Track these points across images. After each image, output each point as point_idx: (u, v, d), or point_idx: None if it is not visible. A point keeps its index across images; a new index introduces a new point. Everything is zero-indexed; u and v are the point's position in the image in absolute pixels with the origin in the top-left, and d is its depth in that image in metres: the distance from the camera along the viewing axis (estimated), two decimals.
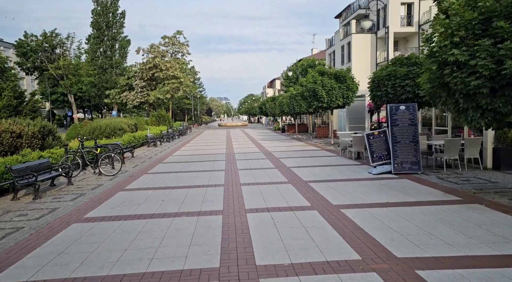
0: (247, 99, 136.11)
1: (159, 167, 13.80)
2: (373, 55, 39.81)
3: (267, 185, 9.73)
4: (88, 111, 76.63)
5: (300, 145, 21.51)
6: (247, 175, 11.32)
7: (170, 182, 10.54)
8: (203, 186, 9.82)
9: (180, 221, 6.62)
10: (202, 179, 10.96)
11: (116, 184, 10.51)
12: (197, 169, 12.94)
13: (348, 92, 19.73)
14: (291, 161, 14.26)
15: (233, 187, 9.66)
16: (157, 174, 12.10)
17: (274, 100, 39.98)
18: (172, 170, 13.01)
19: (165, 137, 28.38)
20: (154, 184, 10.39)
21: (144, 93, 49.35)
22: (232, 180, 10.65)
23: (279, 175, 11.15)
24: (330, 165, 12.92)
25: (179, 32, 50.47)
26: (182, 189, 9.49)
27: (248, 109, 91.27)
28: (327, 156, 15.69)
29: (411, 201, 7.54)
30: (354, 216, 6.58)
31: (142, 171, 12.89)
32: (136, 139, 23.14)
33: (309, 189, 9.02)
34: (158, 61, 47.57)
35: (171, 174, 11.98)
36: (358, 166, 12.50)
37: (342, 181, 9.96)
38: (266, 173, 11.71)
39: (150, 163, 15.13)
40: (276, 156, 16.16)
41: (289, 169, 12.28)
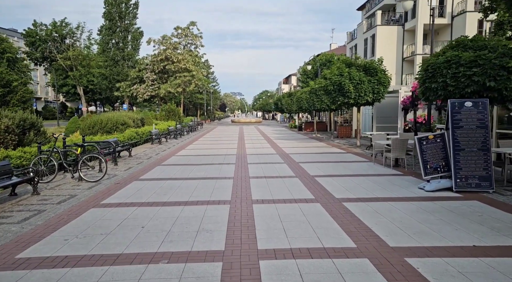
0: (261, 95, 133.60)
1: (155, 171, 11.46)
2: (399, 49, 36.80)
3: (288, 204, 7.27)
4: (100, 105, 75.32)
5: (321, 146, 18.94)
6: (261, 188, 8.88)
7: (162, 195, 8.17)
8: (203, 203, 7.42)
9: (154, 274, 4.22)
10: (203, 191, 8.56)
11: (92, 196, 8.19)
12: (200, 176, 10.55)
13: (379, 87, 17.07)
14: (314, 168, 11.76)
15: (242, 206, 7.23)
16: (149, 182, 9.75)
17: (291, 95, 37.40)
18: (169, 176, 10.64)
19: (172, 134, 26.14)
20: (140, 196, 8.04)
21: (155, 86, 47.36)
22: (242, 194, 8.22)
23: (302, 189, 8.67)
24: (364, 175, 10.37)
25: (192, 23, 48.25)
26: (173, 207, 7.10)
27: (263, 105, 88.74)
28: (357, 162, 13.12)
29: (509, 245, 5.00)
30: (438, 279, 4.07)
31: (132, 176, 10.56)
32: (138, 135, 20.93)
33: (346, 214, 6.53)
34: (170, 53, 45.44)
35: (166, 182, 9.62)
36: (401, 178, 9.92)
37: (388, 200, 7.43)
38: (285, 184, 9.25)
39: (146, 165, 12.82)
40: (295, 160, 13.67)
41: (313, 179, 9.79)
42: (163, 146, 19.93)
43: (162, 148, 18.83)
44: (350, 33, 46.87)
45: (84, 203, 7.52)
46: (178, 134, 27.44)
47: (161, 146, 20.25)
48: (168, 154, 16.26)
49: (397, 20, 38.29)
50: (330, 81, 17.55)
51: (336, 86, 17.35)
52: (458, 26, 33.21)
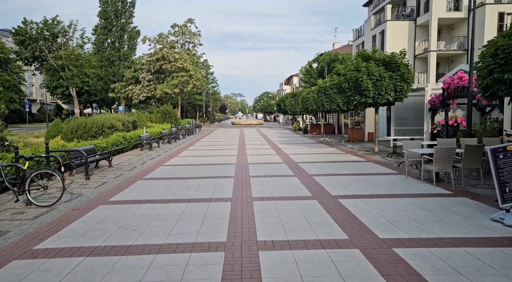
0: (262, 96, 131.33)
1: (132, 189, 9.03)
2: (410, 45, 34.35)
3: (311, 250, 4.85)
4: (97, 107, 73.02)
5: (333, 153, 16.50)
6: (269, 218, 6.45)
7: (129, 233, 5.74)
8: (185, 248, 5.01)
9: None
10: (188, 224, 6.14)
11: (30, 234, 5.77)
12: (188, 196, 8.13)
13: (402, 84, 14.64)
14: (334, 183, 9.33)
15: (242, 253, 4.82)
16: (119, 207, 7.32)
17: (295, 96, 34.99)
18: (148, 196, 8.22)
19: (166, 138, 23.73)
20: (97, 235, 5.62)
21: (151, 87, 44.97)
22: (243, 231, 5.79)
23: (326, 220, 6.24)
24: (403, 195, 7.93)
25: (190, 21, 45.91)
26: (139, 258, 4.68)
27: (264, 106, 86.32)
28: (384, 174, 10.68)
29: None
30: None
31: (100, 198, 8.14)
32: (126, 140, 18.53)
33: (409, 274, 4.10)
34: (166, 52, 43.06)
35: (141, 208, 7.19)
36: (454, 200, 7.47)
37: (459, 244, 5.00)
38: (301, 211, 6.83)
39: (126, 179, 10.40)
40: (307, 171, 11.24)
41: (338, 203, 7.35)
42: (153, 153, 17.50)
43: (151, 155, 16.40)
44: (357, 30, 44.48)
45: (8, 250, 5.09)
46: (173, 138, 25.03)
47: (151, 152, 17.83)
48: (156, 163, 13.83)
49: (408, 15, 35.87)
50: (345, 77, 15.12)
51: (352, 83, 14.92)
52: (476, 19, 30.73)
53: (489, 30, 29.34)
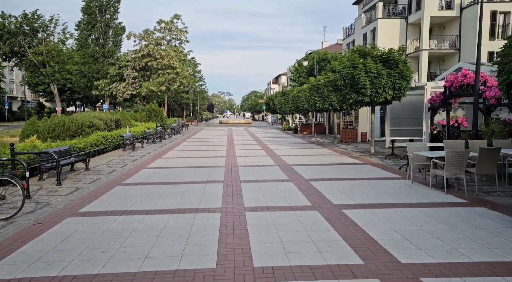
0: (250, 95, 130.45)
1: (108, 197, 7.98)
2: (402, 44, 33.75)
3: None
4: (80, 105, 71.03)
5: (327, 154, 15.66)
6: (264, 231, 5.50)
7: (99, 254, 4.73)
8: (167, 278, 4.02)
9: None
10: (172, 242, 5.16)
11: None
12: (172, 206, 7.14)
13: (400, 82, 13.86)
14: (334, 190, 8.44)
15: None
16: (90, 220, 6.28)
17: (285, 94, 34.12)
18: (125, 206, 7.19)
19: (151, 137, 22.59)
20: (61, 257, 4.59)
21: (136, 84, 43.60)
22: (235, 249, 4.83)
23: (333, 237, 5.33)
24: (413, 205, 7.07)
25: (177, 17, 44.65)
26: None
27: (252, 105, 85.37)
28: (387, 179, 9.83)
29: None
30: None
31: (70, 208, 7.07)
32: (106, 140, 17.36)
33: None
34: (152, 48, 41.75)
35: (116, 221, 6.17)
36: (473, 211, 6.65)
37: (498, 273, 4.14)
38: (301, 223, 5.91)
39: (102, 185, 9.33)
40: (303, 175, 10.34)
41: (342, 215, 6.45)
42: (136, 154, 16.39)
43: (134, 157, 15.30)
44: (347, 28, 43.86)
45: None
46: (158, 138, 23.90)
47: (133, 153, 16.70)
48: (138, 165, 12.76)
49: (399, 13, 35.34)
50: (341, 74, 14.26)
51: (348, 80, 14.07)
52: (468, 18, 30.39)
53: (482, 29, 28.90)
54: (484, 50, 29.12)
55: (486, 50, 29.09)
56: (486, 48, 29.10)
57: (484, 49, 29.15)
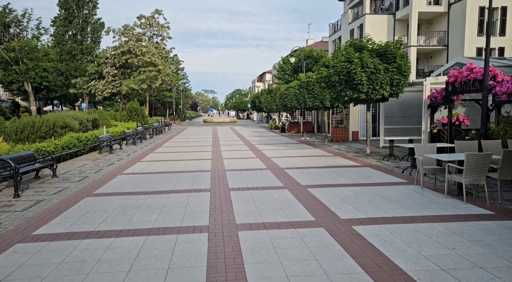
0: (234, 94, 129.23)
1: (72, 213, 6.73)
2: (389, 40, 33.12)
3: None
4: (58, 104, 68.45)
5: (320, 155, 14.65)
6: (263, 259, 4.39)
7: None
8: None
9: None
10: (145, 280, 3.99)
11: None
12: (149, 224, 5.95)
13: (399, 77, 12.94)
14: (337, 198, 7.39)
15: None
16: (45, 247, 5.05)
17: (271, 92, 33.05)
18: (92, 225, 5.95)
19: (131, 138, 21.20)
20: None
21: (116, 82, 41.85)
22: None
23: (350, 266, 4.25)
24: (432, 218, 6.07)
25: (158, 12, 43.02)
26: None
27: (237, 104, 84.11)
28: (392, 184, 8.84)
29: None
30: None
31: (22, 229, 5.80)
32: (81, 142, 15.95)
33: None
34: (132, 45, 40.07)
35: (77, 249, 4.95)
36: (503, 225, 5.67)
37: None
38: (307, 246, 4.82)
39: (68, 197, 8.05)
40: (298, 181, 9.27)
41: (351, 230, 5.40)
42: (113, 157, 15.04)
43: (111, 160, 13.96)
44: (333, 24, 43.05)
45: None
46: (138, 139, 22.51)
47: (110, 156, 15.34)
48: (114, 170, 11.46)
49: (386, 8, 34.67)
50: (335, 69, 13.23)
51: (343, 76, 13.05)
52: (456, 14, 29.87)
53: (470, 25, 28.49)
54: (473, 46, 28.69)
55: (475, 46, 28.66)
56: (475, 44, 28.68)
57: (473, 45, 28.72)
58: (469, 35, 28.55)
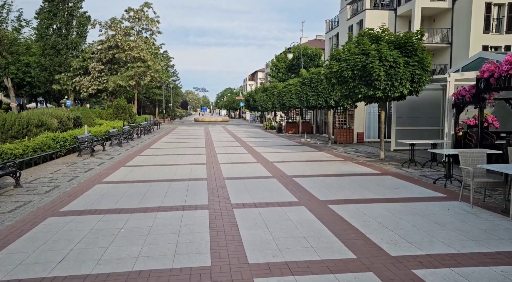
0: (225, 92, 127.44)
1: (23, 245, 4.98)
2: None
3: None
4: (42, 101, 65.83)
5: (328, 160, 13.06)
6: None
7: None
8: None
9: None
10: None
11: None
12: (127, 266, 4.24)
13: (421, 73, 11.39)
14: (371, 221, 5.79)
15: None
16: None
17: (267, 90, 31.41)
18: (45, 269, 4.22)
19: (116, 138, 19.35)
20: None
21: (102, 78, 39.75)
22: None
23: None
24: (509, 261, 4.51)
25: (147, 5, 41.05)
26: None
27: (229, 102, 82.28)
28: (431, 200, 7.26)
29: None
30: None
31: None
32: (57, 143, 14.11)
33: None
34: (120, 39, 38.05)
35: None
36: None
37: None
38: None
39: (26, 216, 6.29)
40: (316, 195, 7.64)
41: (414, 278, 3.79)
42: (93, 160, 13.22)
43: (90, 164, 12.16)
44: (330, 21, 41.58)
45: None
46: (125, 139, 20.68)
47: (91, 159, 13.52)
48: (92, 178, 9.69)
49: (387, 4, 33.29)
50: (347, 63, 11.63)
51: (357, 70, 11.46)
52: (460, 11, 28.57)
53: (476, 22, 27.21)
54: (478, 44, 27.41)
55: (480, 44, 27.39)
56: (480, 41, 27.42)
57: (478, 42, 27.44)
58: (474, 32, 27.27)
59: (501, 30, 27.72)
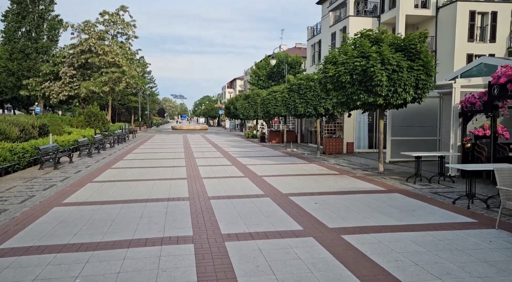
0: (203, 100, 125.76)
1: None
2: None
3: None
4: (10, 107, 62.43)
5: (323, 174, 11.86)
6: None
7: None
8: None
9: None
10: None
11: None
12: None
13: (426, 78, 10.38)
14: (401, 257, 4.55)
15: None
16: None
17: (249, 98, 30.18)
18: None
19: (87, 148, 17.59)
20: None
21: (74, 84, 37.61)
22: None
23: None
24: None
25: (123, 8, 39.31)
26: None
27: (208, 110, 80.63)
28: (461, 227, 6.11)
29: None
30: None
31: None
32: (14, 154, 12.35)
33: None
34: (93, 43, 36.11)
35: None
36: None
37: None
38: None
39: None
40: (322, 221, 6.37)
41: None
42: (56, 174, 11.53)
43: (52, 180, 10.50)
44: (312, 28, 40.91)
45: None
46: (96, 148, 18.91)
47: (54, 173, 11.82)
48: (50, 199, 8.09)
49: (371, 11, 32.82)
50: (345, 67, 10.50)
51: (356, 75, 10.33)
52: (444, 19, 28.28)
53: (460, 29, 26.91)
54: (463, 52, 27.10)
55: (465, 52, 27.11)
56: (465, 50, 27.12)
57: (463, 51, 27.13)
58: (459, 40, 26.94)
59: (484, 38, 27.55)
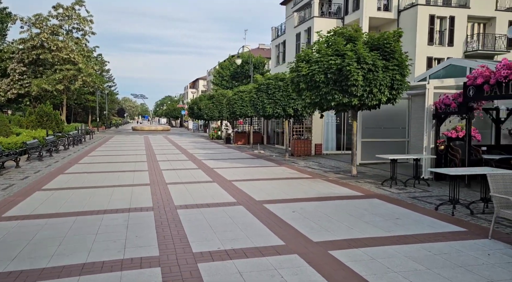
0: (165, 100, 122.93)
1: None
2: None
3: None
4: None
5: (295, 178, 11.33)
6: None
7: None
8: None
9: None
10: None
11: None
12: None
13: (401, 78, 10.09)
14: (395, 276, 3.99)
15: None
16: None
17: (213, 98, 29.31)
18: None
19: (37, 150, 16.06)
20: None
21: (24, 81, 35.03)
22: None
23: None
24: None
25: (79, 2, 37.06)
26: None
27: (170, 110, 78.58)
28: (453, 238, 5.70)
29: None
30: None
31: None
32: None
33: None
34: (46, 38, 33.80)
35: None
36: None
37: None
38: None
39: None
40: (305, 234, 5.77)
41: None
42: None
43: None
44: (276, 28, 40.60)
45: None
46: (48, 151, 17.38)
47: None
48: None
49: (335, 12, 32.92)
50: (319, 65, 10.00)
51: (331, 74, 9.85)
52: (405, 22, 28.81)
53: (421, 33, 27.51)
54: (423, 55, 27.74)
55: (425, 55, 27.75)
56: (425, 53, 27.76)
57: (423, 54, 27.75)
58: (420, 43, 27.53)
59: (443, 42, 28.32)
